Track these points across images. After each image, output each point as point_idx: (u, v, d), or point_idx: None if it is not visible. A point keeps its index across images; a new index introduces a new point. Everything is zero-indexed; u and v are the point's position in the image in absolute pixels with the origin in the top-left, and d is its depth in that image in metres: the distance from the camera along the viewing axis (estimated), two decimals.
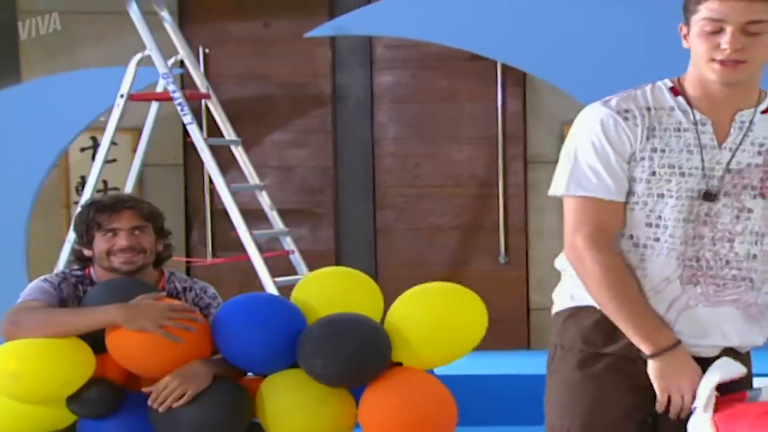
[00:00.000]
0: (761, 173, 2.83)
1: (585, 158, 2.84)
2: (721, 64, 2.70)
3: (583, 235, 2.83)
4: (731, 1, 2.65)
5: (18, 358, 3.64)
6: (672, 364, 2.79)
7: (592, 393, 2.90)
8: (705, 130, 2.82)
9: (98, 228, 3.76)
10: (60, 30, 7.01)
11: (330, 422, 3.74)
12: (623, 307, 2.80)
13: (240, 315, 3.77)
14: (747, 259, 2.84)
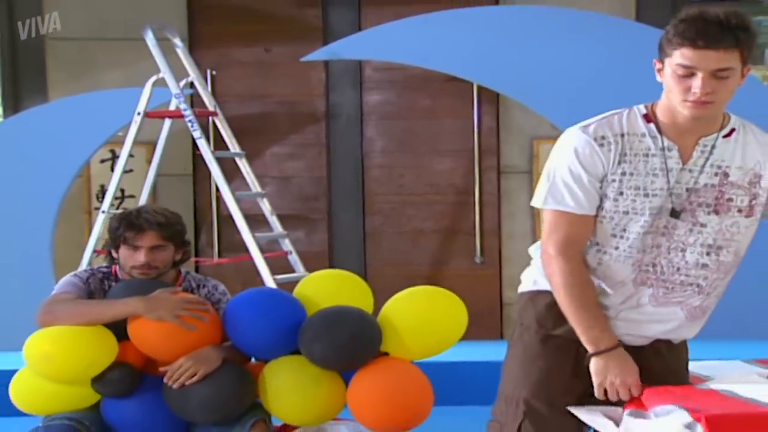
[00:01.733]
0: (716, 192, 2.86)
1: (562, 177, 2.88)
2: (692, 103, 2.73)
3: (554, 242, 2.89)
4: (702, 51, 2.67)
5: (51, 342, 3.67)
6: (609, 364, 2.84)
7: (540, 368, 2.97)
8: (671, 155, 2.85)
9: (124, 241, 3.82)
10: (80, 52, 6.98)
11: (322, 402, 3.81)
12: (576, 310, 2.86)
13: (248, 307, 3.83)
14: (695, 267, 2.89)
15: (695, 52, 2.68)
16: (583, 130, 2.86)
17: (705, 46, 2.67)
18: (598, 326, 2.86)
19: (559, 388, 2.95)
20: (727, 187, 2.86)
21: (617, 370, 2.84)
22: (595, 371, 2.85)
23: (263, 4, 7.02)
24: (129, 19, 6.73)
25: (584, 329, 2.86)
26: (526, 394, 2.97)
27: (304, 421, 3.89)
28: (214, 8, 7.01)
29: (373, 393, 3.77)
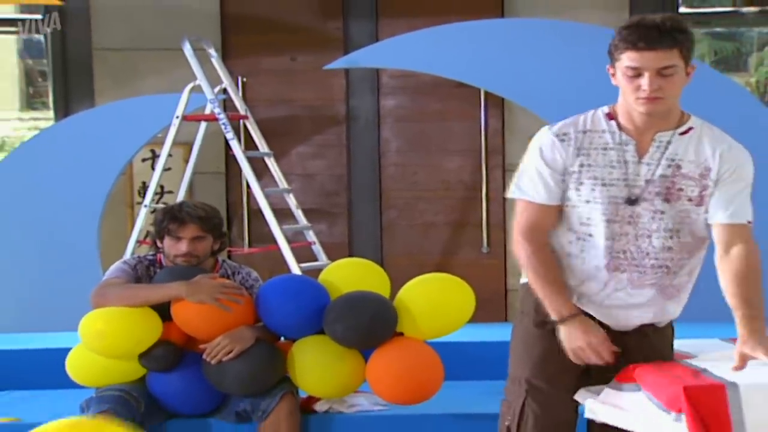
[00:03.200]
0: (668, 183, 2.89)
1: (528, 171, 2.97)
2: (644, 100, 2.79)
3: (520, 228, 2.98)
4: (645, 52, 2.75)
5: (103, 321, 3.78)
6: (572, 329, 2.90)
7: (539, 350, 3.01)
8: (628, 149, 2.89)
9: (168, 233, 3.89)
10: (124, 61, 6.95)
11: (344, 377, 3.92)
12: (542, 285, 2.94)
13: (278, 291, 3.92)
14: (662, 251, 2.92)
15: (639, 54, 2.76)
16: (550, 129, 2.97)
17: (646, 47, 2.74)
18: (560, 298, 2.92)
19: (557, 367, 2.98)
20: (678, 178, 2.90)
21: (581, 334, 2.89)
22: (564, 339, 2.91)
23: (289, 17, 6.96)
24: (168, 31, 6.69)
25: (549, 302, 2.92)
26: (527, 374, 3.01)
27: (328, 394, 3.99)
28: (245, 21, 6.94)
29: (390, 369, 3.85)
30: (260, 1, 6.89)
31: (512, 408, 3.03)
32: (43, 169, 6.27)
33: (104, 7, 6.92)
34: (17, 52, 8.42)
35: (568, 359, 2.96)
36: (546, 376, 3.00)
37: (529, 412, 2.99)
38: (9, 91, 8.66)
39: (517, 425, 3.00)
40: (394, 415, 4.00)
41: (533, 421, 2.99)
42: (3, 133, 8.66)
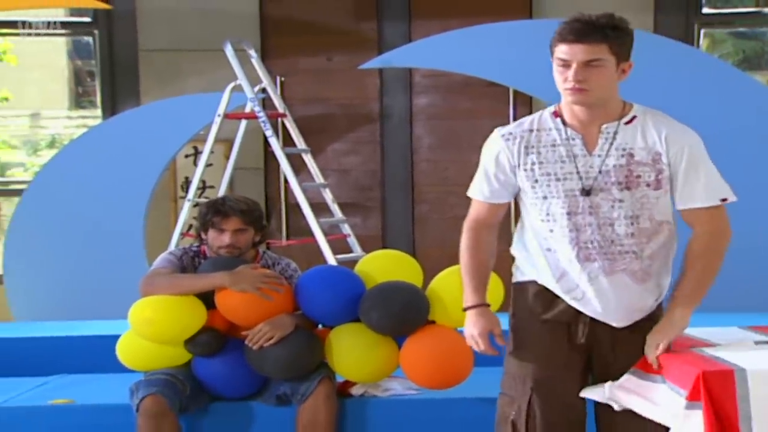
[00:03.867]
0: (626, 171, 2.86)
1: (478, 171, 3.06)
2: (570, 90, 2.80)
3: (467, 221, 3.10)
4: (573, 45, 2.77)
5: (152, 309, 3.80)
6: (468, 319, 3.06)
7: (540, 348, 3.00)
8: (575, 143, 2.88)
9: (212, 225, 3.90)
10: (168, 62, 7.00)
11: (379, 363, 3.91)
12: (464, 273, 3.09)
13: (316, 281, 3.92)
14: (626, 237, 2.88)
15: (568, 46, 2.78)
16: (499, 131, 3.00)
17: (574, 40, 2.77)
18: (471, 288, 3.05)
19: (560, 363, 2.98)
20: (634, 166, 2.87)
21: (470, 324, 3.05)
22: (465, 324, 3.08)
23: (325, 19, 6.99)
24: (210, 33, 6.73)
25: (465, 290, 3.08)
26: (532, 372, 2.99)
27: (363, 378, 3.98)
28: (283, 23, 6.98)
29: (422, 355, 3.84)
30: (298, 3, 6.93)
31: (516, 403, 3.02)
32: (91, 165, 6.33)
33: (150, 11, 6.98)
34: (67, 53, 8.50)
35: (571, 354, 2.97)
36: (551, 373, 2.99)
37: (536, 407, 2.99)
38: (59, 91, 8.72)
39: (525, 421, 2.99)
40: (426, 399, 3.99)
41: (541, 416, 2.98)
42: (53, 131, 8.71)
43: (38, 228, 6.35)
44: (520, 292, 3.08)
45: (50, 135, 8.68)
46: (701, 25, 7.02)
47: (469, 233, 3.09)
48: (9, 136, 8.57)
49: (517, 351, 3.06)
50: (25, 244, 6.35)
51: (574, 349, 2.98)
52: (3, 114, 8.51)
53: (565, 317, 2.95)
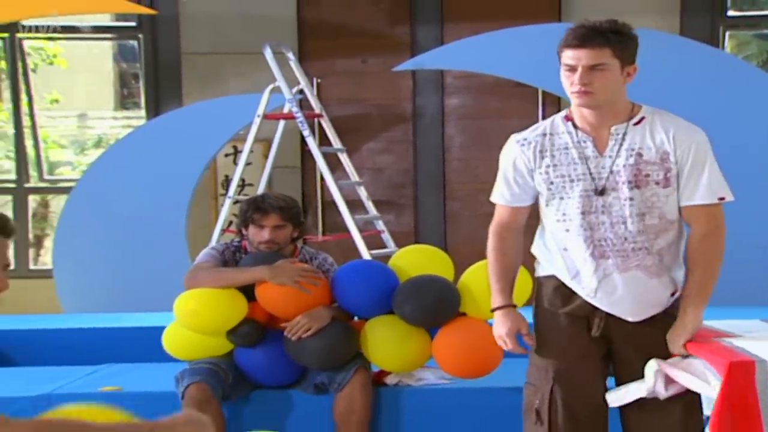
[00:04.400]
0: (635, 171, 2.88)
1: (498, 177, 3.10)
2: (576, 94, 2.82)
3: (492, 226, 3.14)
4: (577, 50, 2.79)
5: (195, 301, 3.85)
6: (498, 319, 3.09)
7: (561, 339, 3.03)
8: (586, 145, 2.90)
9: (252, 221, 3.92)
10: (209, 64, 6.99)
11: (412, 353, 3.93)
12: (491, 276, 3.13)
13: (352, 275, 3.94)
14: (639, 234, 2.90)
15: (573, 51, 2.81)
16: (514, 137, 3.04)
17: (579, 45, 2.79)
18: (497, 290, 3.09)
19: (580, 353, 3.01)
20: (643, 165, 2.88)
21: (497, 325, 3.09)
22: (494, 325, 3.12)
23: (361, 23, 6.99)
24: (250, 37, 6.71)
25: (491, 290, 3.12)
26: (553, 362, 3.03)
27: (397, 368, 4.01)
28: (320, 27, 6.98)
29: (454, 346, 3.86)
30: (334, 8, 6.94)
31: (539, 391, 3.04)
32: (136, 164, 6.36)
33: (192, 16, 7.01)
34: (113, 56, 8.58)
35: (590, 344, 3.00)
36: (571, 363, 3.01)
37: (558, 396, 3.01)
38: (105, 93, 8.80)
39: (548, 409, 3.02)
40: (458, 388, 4.01)
41: (563, 404, 3.01)
42: (100, 131, 8.78)
43: (86, 224, 6.39)
44: (542, 287, 3.11)
45: (97, 135, 8.74)
46: (726, 27, 6.98)
47: (495, 237, 3.12)
48: (58, 136, 8.65)
49: (539, 342, 3.09)
50: (73, 239, 6.40)
51: (593, 340, 3.00)
52: (52, 115, 8.59)
53: (582, 311, 2.98)
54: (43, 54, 8.30)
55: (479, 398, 3.99)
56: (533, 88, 6.62)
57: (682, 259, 2.99)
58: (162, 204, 6.33)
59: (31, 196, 7.58)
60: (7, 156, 8.05)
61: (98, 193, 6.39)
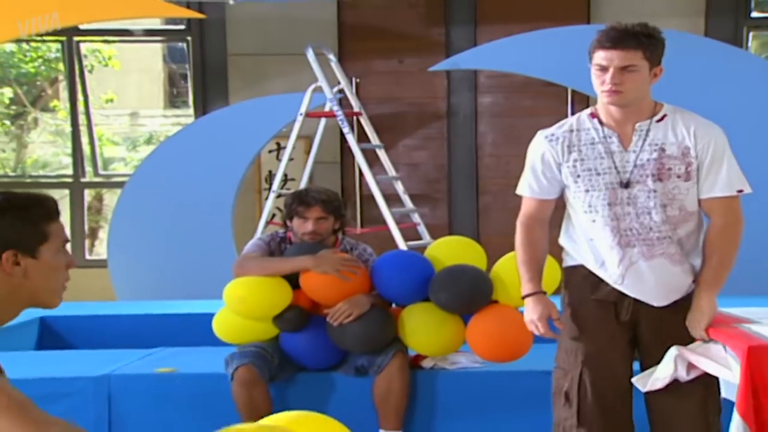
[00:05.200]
0: (658, 164, 2.92)
1: (525, 171, 3.12)
2: (606, 93, 2.86)
3: (519, 218, 3.15)
4: (610, 51, 2.83)
5: (244, 288, 3.86)
6: (529, 305, 3.11)
7: (590, 325, 3.06)
8: (612, 141, 2.95)
9: (296, 214, 3.92)
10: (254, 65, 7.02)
11: (447, 338, 3.93)
12: (520, 264, 3.14)
13: (390, 264, 3.95)
14: (663, 224, 2.94)
15: (606, 52, 2.84)
16: (542, 133, 3.06)
17: (612, 47, 2.83)
18: (527, 278, 3.11)
19: (607, 337, 3.04)
20: (665, 159, 2.93)
21: (528, 311, 3.11)
22: (525, 311, 3.14)
23: (397, 25, 7.01)
24: (292, 39, 6.78)
25: (521, 280, 3.14)
26: (582, 346, 3.06)
27: (433, 352, 4.01)
28: (359, 29, 7.01)
29: (486, 331, 3.86)
30: (372, 11, 6.96)
31: (569, 374, 3.07)
32: (185, 160, 6.42)
33: (238, 18, 7.05)
34: (163, 58, 8.68)
35: (617, 329, 3.03)
36: (599, 346, 3.04)
37: (587, 379, 3.04)
38: (155, 92, 8.91)
39: (577, 391, 3.05)
40: (490, 372, 4.00)
41: (591, 386, 3.04)
42: (150, 129, 8.90)
43: (138, 217, 6.45)
44: (571, 275, 3.14)
45: (147, 132, 8.85)
46: (750, 28, 6.94)
47: (523, 229, 3.13)
48: (112, 133, 8.78)
49: (569, 328, 3.12)
50: (126, 231, 6.47)
51: (621, 325, 3.04)
52: (107, 113, 8.70)
53: (610, 298, 3.02)
54: (99, 56, 8.41)
55: (510, 381, 3.99)
56: (562, 87, 6.63)
57: (701, 248, 3.03)
58: (209, 198, 6.39)
59: (86, 191, 7.68)
60: (65, 152, 8.16)
61: (150, 187, 6.45)
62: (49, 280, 1.93)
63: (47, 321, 5.16)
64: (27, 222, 1.90)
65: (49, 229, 1.92)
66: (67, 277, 1.97)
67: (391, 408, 3.85)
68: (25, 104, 8.76)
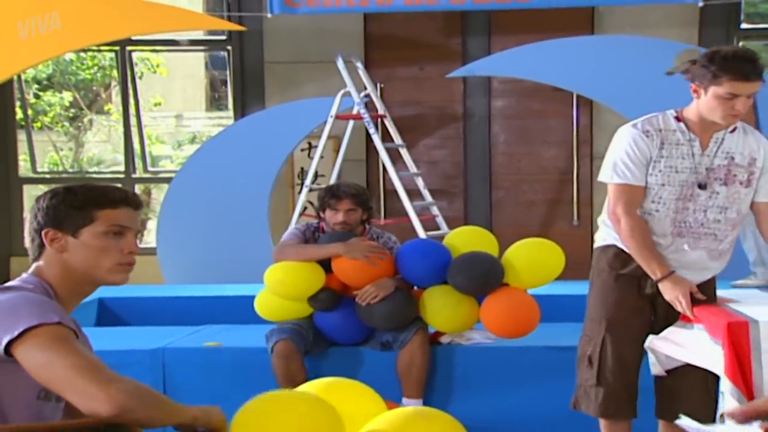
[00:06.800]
0: (725, 170, 3.01)
1: (621, 159, 3.01)
2: (733, 117, 2.92)
3: (621, 206, 3.01)
4: (746, 83, 2.86)
5: (283, 272, 3.94)
6: (665, 286, 3.01)
7: (615, 296, 3.12)
8: (694, 144, 3.00)
9: (328, 206, 3.99)
10: (288, 71, 7.00)
11: (463, 317, 3.97)
12: (640, 251, 3.01)
13: (413, 251, 4.00)
14: (714, 222, 3.04)
15: (742, 84, 2.86)
16: (634, 126, 3.03)
17: (748, 80, 2.85)
18: (655, 262, 2.99)
19: (629, 308, 3.11)
20: (733, 167, 3.00)
21: (670, 289, 3.00)
22: (665, 291, 3.01)
23: (419, 35, 6.99)
24: (323, 48, 6.79)
25: (646, 265, 3.01)
26: (607, 314, 3.10)
27: (451, 329, 4.08)
28: (384, 39, 7.02)
29: (498, 311, 3.91)
30: (395, 23, 6.94)
31: (593, 341, 3.13)
32: (226, 158, 6.44)
33: (274, 29, 7.06)
34: (205, 65, 8.78)
35: (638, 301, 3.10)
36: (622, 316, 3.10)
37: (608, 343, 3.09)
38: (198, 96, 8.98)
39: (599, 354, 3.12)
40: (501, 347, 4.06)
41: (612, 350, 3.10)
42: (194, 129, 8.96)
43: (184, 209, 6.47)
44: (603, 253, 3.16)
45: (191, 132, 8.91)
46: (740, 38, 6.92)
47: (630, 217, 3.00)
48: (159, 133, 8.87)
49: (596, 298, 3.17)
50: (173, 222, 6.49)
51: (643, 298, 3.11)
52: (154, 116, 8.78)
53: (637, 273, 3.07)
54: (148, 64, 8.48)
55: (519, 355, 4.05)
56: (569, 92, 6.66)
57: (731, 253, 3.13)
58: (247, 192, 6.38)
59: (137, 185, 7.70)
60: (117, 151, 8.19)
61: (194, 182, 6.47)
62: (89, 257, 1.94)
63: (105, 302, 5.24)
64: (71, 206, 1.94)
65: (98, 215, 1.95)
66: (119, 259, 1.96)
67: (413, 379, 3.89)
68: (82, 107, 8.86)
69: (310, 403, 1.89)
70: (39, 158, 8.00)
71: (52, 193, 1.98)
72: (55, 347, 1.73)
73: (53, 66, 8.58)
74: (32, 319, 1.77)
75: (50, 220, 1.96)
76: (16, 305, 1.80)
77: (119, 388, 1.70)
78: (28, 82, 8.13)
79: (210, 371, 4.06)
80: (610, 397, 3.12)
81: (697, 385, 3.05)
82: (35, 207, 1.99)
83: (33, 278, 1.95)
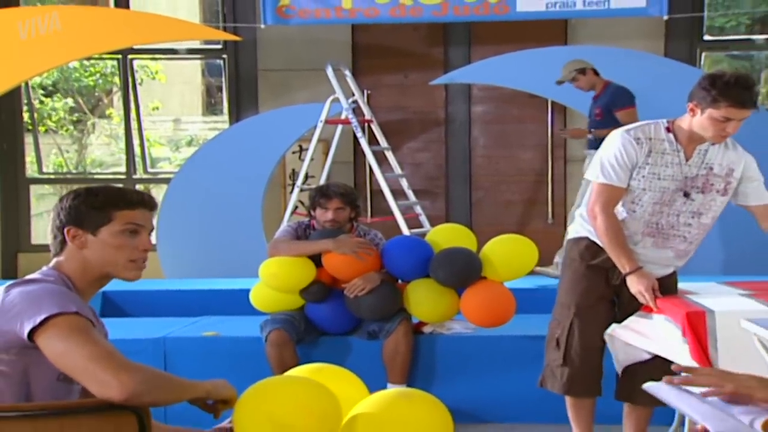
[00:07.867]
0: (704, 179, 3.06)
1: (609, 161, 3.05)
2: (723, 137, 2.96)
3: (599, 204, 3.06)
4: (742, 110, 2.89)
5: (276, 266, 3.97)
6: (632, 280, 3.06)
7: (584, 284, 3.19)
8: (680, 154, 3.04)
9: (319, 204, 4.02)
10: (280, 78, 6.97)
11: (444, 308, 4.03)
12: (613, 247, 3.06)
13: (397, 246, 4.08)
14: (684, 226, 3.11)
15: (739, 111, 2.88)
16: (627, 132, 3.06)
17: (744, 107, 2.88)
18: (624, 257, 3.05)
19: (596, 295, 3.19)
20: (711, 177, 3.06)
21: (635, 284, 3.06)
22: (631, 284, 3.05)
23: (403, 45, 6.97)
24: (314, 56, 6.76)
25: (617, 259, 3.07)
26: (576, 300, 3.18)
27: (433, 320, 4.15)
28: (371, 48, 7.00)
29: (477, 302, 3.96)
30: (382, 33, 6.92)
31: (561, 324, 3.20)
32: (221, 160, 6.39)
33: (267, 39, 7.02)
34: (202, 72, 8.76)
35: (605, 290, 3.16)
36: (589, 302, 3.17)
37: (576, 327, 3.17)
38: (195, 102, 8.97)
39: (566, 337, 3.18)
40: (480, 336, 4.12)
41: (578, 333, 3.17)
42: (191, 133, 8.90)
43: (182, 208, 6.41)
44: (575, 244, 3.23)
45: (188, 136, 8.86)
46: (703, 49, 6.96)
47: (607, 216, 3.04)
48: (158, 136, 8.85)
49: (566, 286, 3.23)
50: (172, 220, 6.43)
51: (609, 287, 3.17)
52: (154, 119, 8.73)
53: (605, 264, 3.14)
54: (148, 71, 8.45)
55: (496, 343, 4.11)
56: (544, 98, 6.67)
57: (693, 253, 3.20)
58: (242, 192, 6.35)
59: (137, 186, 7.55)
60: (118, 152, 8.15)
61: (192, 183, 6.43)
62: (107, 254, 1.97)
63: (108, 295, 5.24)
64: (92, 206, 1.99)
65: (116, 215, 1.99)
66: (134, 256, 2.00)
67: (397, 366, 3.96)
68: (85, 112, 8.82)
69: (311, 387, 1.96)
70: (45, 160, 7.98)
71: (75, 194, 2.03)
72: (73, 337, 1.78)
73: (58, 73, 8.57)
74: (53, 308, 1.82)
75: (72, 218, 2.01)
76: (39, 296, 1.86)
77: (130, 375, 1.74)
78: (35, 88, 8.09)
79: (208, 359, 4.10)
80: (574, 377, 3.18)
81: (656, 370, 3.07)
82: (58, 206, 2.04)
83: (53, 272, 2.00)
